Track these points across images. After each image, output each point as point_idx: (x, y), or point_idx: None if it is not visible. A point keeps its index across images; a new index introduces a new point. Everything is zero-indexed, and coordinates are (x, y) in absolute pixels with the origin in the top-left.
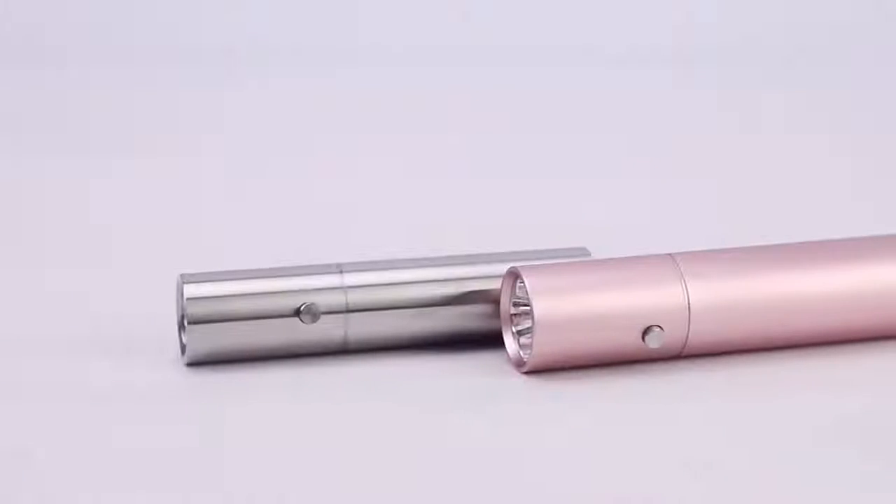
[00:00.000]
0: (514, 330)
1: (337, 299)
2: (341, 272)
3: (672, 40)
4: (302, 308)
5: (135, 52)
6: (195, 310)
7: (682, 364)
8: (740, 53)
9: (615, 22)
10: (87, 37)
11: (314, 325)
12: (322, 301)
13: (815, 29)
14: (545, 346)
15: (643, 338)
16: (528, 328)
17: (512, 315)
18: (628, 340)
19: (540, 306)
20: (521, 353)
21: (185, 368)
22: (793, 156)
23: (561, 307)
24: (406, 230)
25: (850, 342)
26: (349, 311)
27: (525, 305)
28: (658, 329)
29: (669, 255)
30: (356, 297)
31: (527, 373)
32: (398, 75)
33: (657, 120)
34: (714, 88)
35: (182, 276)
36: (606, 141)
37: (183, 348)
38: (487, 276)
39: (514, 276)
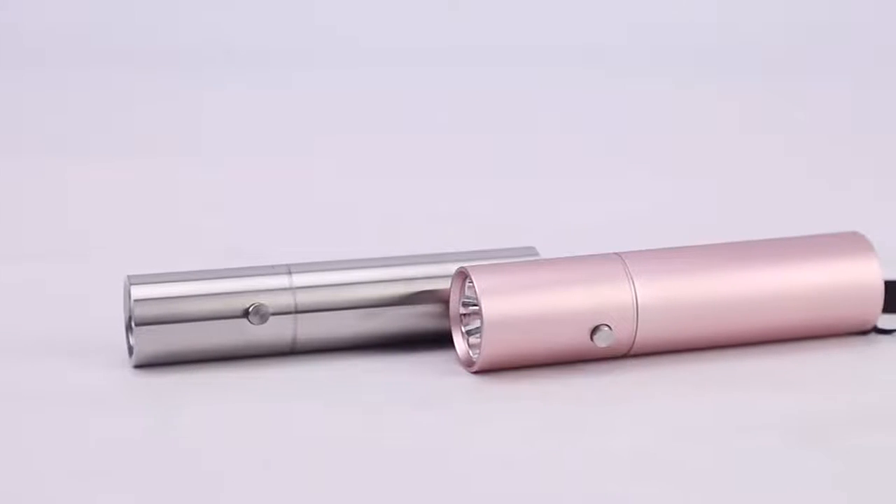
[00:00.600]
0: (463, 330)
1: (285, 300)
2: (290, 273)
3: (630, 40)
4: (250, 309)
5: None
6: (142, 311)
7: (630, 363)
8: (703, 55)
9: (571, 20)
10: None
11: (263, 326)
12: (270, 302)
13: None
14: (494, 346)
15: (592, 337)
16: (477, 328)
17: (461, 315)
18: (577, 340)
19: (488, 306)
20: (471, 352)
21: (133, 370)
22: (745, 156)
23: (509, 307)
24: (355, 230)
25: (797, 340)
26: (298, 311)
27: (474, 305)
28: (606, 328)
29: (617, 254)
30: (305, 298)
31: (476, 372)
32: (350, 77)
33: (608, 119)
34: (670, 88)
35: (129, 277)
36: (556, 141)
37: (130, 350)
38: (436, 277)
39: (462, 276)
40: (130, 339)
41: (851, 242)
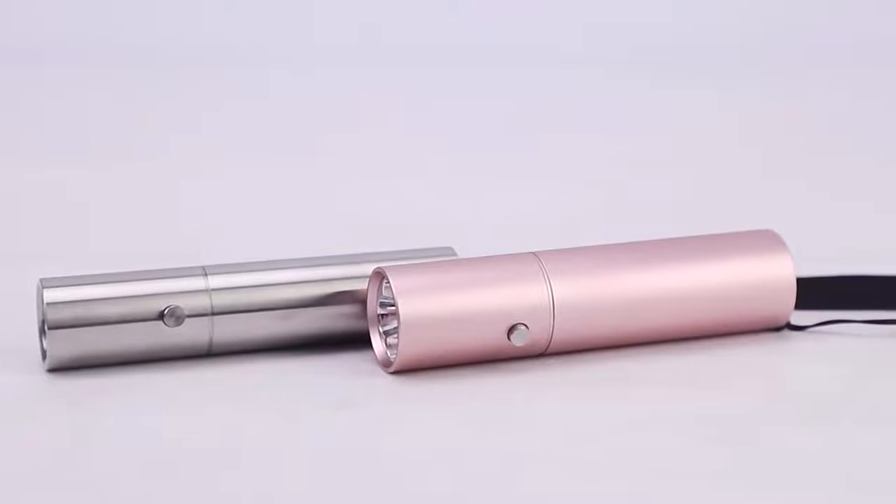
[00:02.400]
0: (381, 330)
1: (201, 302)
2: (206, 274)
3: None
4: (166, 311)
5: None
6: (55, 315)
7: (547, 361)
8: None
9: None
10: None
11: (178, 328)
12: (186, 304)
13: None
14: (411, 346)
15: (509, 336)
16: (394, 328)
17: (379, 315)
18: (494, 339)
19: (405, 306)
20: (388, 353)
21: (46, 374)
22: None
23: (426, 307)
24: (271, 231)
25: (711, 337)
26: (214, 313)
27: (391, 305)
28: (523, 327)
29: (533, 253)
30: (221, 300)
31: (394, 373)
32: (270, 77)
33: (526, 120)
34: (579, 89)
35: (42, 280)
36: (473, 140)
37: (44, 354)
38: (354, 277)
39: (380, 276)
40: (44, 342)
41: (765, 240)
